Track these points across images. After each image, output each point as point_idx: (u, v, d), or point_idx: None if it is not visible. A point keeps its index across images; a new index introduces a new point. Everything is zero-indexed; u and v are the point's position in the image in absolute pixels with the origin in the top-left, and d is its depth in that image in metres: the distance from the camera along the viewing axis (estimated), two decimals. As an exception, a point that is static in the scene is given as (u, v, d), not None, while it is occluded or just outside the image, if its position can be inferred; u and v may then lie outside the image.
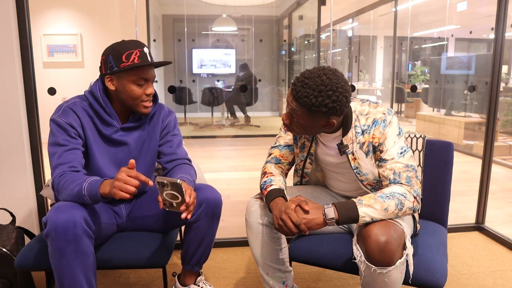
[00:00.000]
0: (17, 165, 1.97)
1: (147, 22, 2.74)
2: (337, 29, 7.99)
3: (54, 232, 1.19)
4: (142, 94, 1.41)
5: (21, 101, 1.93)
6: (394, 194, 1.22)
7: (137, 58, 1.35)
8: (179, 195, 1.22)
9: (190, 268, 1.58)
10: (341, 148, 1.35)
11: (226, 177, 3.85)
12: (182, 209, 1.25)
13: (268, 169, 1.49)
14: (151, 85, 1.43)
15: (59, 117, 1.36)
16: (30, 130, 1.98)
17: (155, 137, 1.56)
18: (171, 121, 1.60)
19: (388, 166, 1.28)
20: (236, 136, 6.23)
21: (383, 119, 1.31)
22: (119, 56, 1.35)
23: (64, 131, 1.36)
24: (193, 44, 6.59)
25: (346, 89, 1.22)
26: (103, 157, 1.45)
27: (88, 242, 1.25)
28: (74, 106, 1.40)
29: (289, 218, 1.23)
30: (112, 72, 1.37)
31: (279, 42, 7.12)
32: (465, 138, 5.30)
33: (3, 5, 1.83)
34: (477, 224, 2.53)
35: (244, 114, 6.61)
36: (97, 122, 1.43)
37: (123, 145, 1.48)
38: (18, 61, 1.91)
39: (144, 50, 1.38)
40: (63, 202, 1.27)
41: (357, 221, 1.21)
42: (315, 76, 1.20)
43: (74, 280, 1.24)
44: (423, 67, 8.26)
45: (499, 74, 2.38)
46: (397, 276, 1.17)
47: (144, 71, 1.38)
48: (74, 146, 1.36)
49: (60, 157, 1.34)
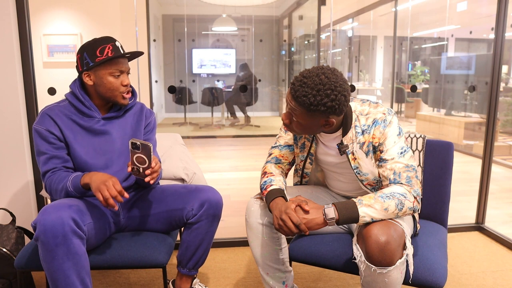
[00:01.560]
0: (17, 165, 1.97)
1: (147, 22, 2.74)
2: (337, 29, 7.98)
3: (43, 235, 1.19)
4: (120, 85, 1.47)
5: (21, 101, 1.93)
6: (394, 194, 1.22)
7: (111, 52, 1.42)
8: (147, 159, 1.34)
9: (187, 272, 1.58)
10: (341, 148, 1.34)
11: (226, 177, 3.85)
12: (147, 173, 1.35)
13: (268, 169, 1.49)
14: (127, 77, 1.50)
15: (37, 125, 1.44)
16: (30, 130, 1.98)
17: (139, 131, 1.60)
18: (152, 121, 1.66)
19: (388, 166, 1.28)
20: (236, 136, 6.23)
21: (383, 119, 1.31)
22: (93, 51, 1.42)
23: (43, 139, 1.43)
24: (193, 44, 6.59)
25: (345, 88, 1.22)
26: (87, 150, 1.48)
27: (78, 243, 1.25)
28: (49, 111, 1.46)
29: (289, 218, 1.22)
30: (89, 67, 1.43)
31: (279, 42, 7.12)
32: (465, 138, 5.30)
33: (3, 5, 1.83)
34: (477, 224, 2.53)
35: (244, 114, 6.61)
36: (77, 118, 1.48)
37: (106, 135, 1.52)
38: (18, 61, 1.91)
39: (116, 44, 1.45)
40: (51, 203, 1.29)
41: (357, 221, 1.21)
42: (314, 75, 1.20)
43: (67, 283, 1.24)
44: (423, 67, 8.26)
45: (499, 74, 2.38)
46: (397, 276, 1.17)
47: (118, 63, 1.45)
48: (55, 153, 1.44)
49: (45, 165, 1.43)
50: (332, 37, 7.76)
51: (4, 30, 1.85)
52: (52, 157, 1.43)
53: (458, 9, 6.84)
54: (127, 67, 1.50)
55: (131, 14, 2.56)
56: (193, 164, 1.98)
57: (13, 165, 1.97)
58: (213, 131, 6.44)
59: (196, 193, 1.50)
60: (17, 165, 1.97)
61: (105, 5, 4.14)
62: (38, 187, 2.04)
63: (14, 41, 1.87)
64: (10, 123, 1.93)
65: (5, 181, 1.98)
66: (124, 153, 1.54)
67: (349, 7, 6.60)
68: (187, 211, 1.48)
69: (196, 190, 1.51)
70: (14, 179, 1.99)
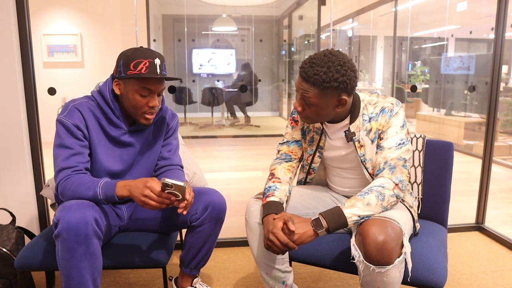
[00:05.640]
0: (17, 165, 1.97)
1: (147, 22, 2.74)
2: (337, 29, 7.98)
3: (66, 232, 1.18)
4: (145, 106, 1.38)
5: (21, 101, 1.93)
6: (372, 188, 1.26)
7: (145, 69, 1.33)
8: (180, 195, 1.28)
9: (188, 272, 1.58)
10: (348, 135, 1.36)
11: (226, 177, 3.85)
12: (181, 206, 1.30)
13: (277, 172, 1.47)
14: (155, 98, 1.39)
15: (65, 118, 1.35)
16: (30, 130, 1.98)
17: (159, 139, 1.56)
18: (174, 125, 1.61)
19: (382, 154, 1.32)
20: (236, 136, 6.23)
21: (391, 108, 1.34)
22: (128, 63, 1.34)
23: (70, 134, 1.35)
24: (193, 44, 6.59)
25: (353, 65, 1.27)
26: (108, 158, 1.44)
27: (97, 243, 1.24)
28: (80, 106, 1.38)
29: (277, 238, 1.22)
30: (120, 77, 1.37)
31: (279, 42, 7.12)
32: (465, 138, 5.30)
33: (3, 5, 1.83)
34: (477, 224, 2.53)
35: (244, 114, 6.61)
36: (104, 123, 1.42)
37: (129, 147, 1.48)
38: (18, 61, 1.91)
39: (154, 62, 1.34)
40: (73, 201, 1.26)
41: (346, 225, 1.22)
42: (321, 55, 1.25)
43: (81, 281, 1.23)
44: (423, 67, 8.26)
45: (499, 74, 2.38)
46: (395, 275, 1.17)
47: (149, 83, 1.35)
48: (79, 150, 1.36)
49: (65, 160, 1.33)
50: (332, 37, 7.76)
51: (4, 30, 1.85)
52: (76, 154, 1.34)
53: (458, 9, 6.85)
54: (158, 88, 1.38)
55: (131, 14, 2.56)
56: (193, 164, 1.98)
57: (13, 165, 1.97)
58: (213, 131, 6.44)
59: (200, 196, 1.49)
60: (17, 165, 1.97)
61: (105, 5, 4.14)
62: (38, 187, 2.04)
63: (14, 41, 1.87)
64: (10, 123, 1.93)
65: (5, 181, 1.98)
66: (142, 161, 1.53)
67: (349, 7, 6.60)
68: (191, 214, 1.48)
69: (200, 193, 1.50)
70: (14, 179, 1.99)
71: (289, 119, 1.55)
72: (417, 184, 1.65)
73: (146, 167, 1.55)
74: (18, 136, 1.95)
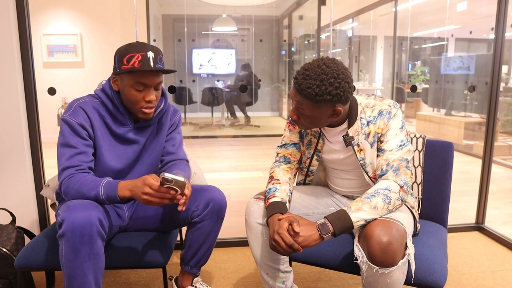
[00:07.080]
0: (17, 165, 1.97)
1: (147, 22, 2.74)
2: (337, 29, 7.98)
3: (71, 233, 1.17)
4: (141, 100, 1.37)
5: (21, 101, 1.93)
6: (378, 191, 1.25)
7: (138, 62, 1.31)
8: (179, 190, 1.28)
9: (189, 270, 1.58)
10: (347, 139, 1.36)
11: (226, 177, 3.85)
12: (180, 202, 1.29)
13: (276, 174, 1.47)
14: (152, 92, 1.37)
15: (70, 117, 1.35)
16: (30, 130, 1.98)
17: (162, 135, 1.57)
18: (177, 119, 1.62)
19: (384, 156, 1.31)
20: (236, 136, 6.23)
21: (389, 111, 1.34)
22: (121, 58, 1.33)
23: (74, 132, 1.34)
24: (193, 44, 6.59)
25: (347, 75, 1.24)
26: (112, 156, 1.44)
27: (101, 244, 1.24)
28: (84, 105, 1.38)
29: (282, 239, 1.22)
30: (115, 73, 1.36)
31: (279, 42, 7.12)
32: (465, 138, 5.30)
33: (3, 5, 1.83)
34: (477, 224, 2.53)
35: (244, 114, 6.61)
36: (109, 121, 1.42)
37: (134, 144, 1.48)
38: (18, 61, 1.91)
39: (147, 55, 1.32)
40: (77, 201, 1.26)
41: (352, 228, 1.21)
42: (315, 67, 1.22)
43: (83, 282, 1.23)
44: (423, 67, 8.26)
45: (499, 74, 2.38)
46: (399, 276, 1.17)
47: (143, 76, 1.33)
48: (83, 149, 1.35)
49: (69, 159, 1.33)
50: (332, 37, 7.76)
51: (4, 30, 1.85)
52: (80, 153, 1.34)
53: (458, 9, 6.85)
54: (153, 82, 1.35)
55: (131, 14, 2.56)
56: (193, 164, 1.98)
57: (13, 165, 1.97)
58: (213, 131, 6.44)
59: (201, 193, 1.49)
60: (17, 165, 1.97)
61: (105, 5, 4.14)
62: (38, 187, 2.04)
63: (14, 41, 1.87)
64: (10, 123, 1.93)
65: (5, 181, 1.98)
66: (146, 157, 1.53)
67: (349, 7, 6.59)
68: (192, 210, 1.48)
69: (201, 190, 1.50)
70: (14, 179, 1.99)
71: (287, 122, 1.55)
72: (417, 184, 1.65)
73: (149, 163, 1.55)
74: (18, 136, 1.95)
